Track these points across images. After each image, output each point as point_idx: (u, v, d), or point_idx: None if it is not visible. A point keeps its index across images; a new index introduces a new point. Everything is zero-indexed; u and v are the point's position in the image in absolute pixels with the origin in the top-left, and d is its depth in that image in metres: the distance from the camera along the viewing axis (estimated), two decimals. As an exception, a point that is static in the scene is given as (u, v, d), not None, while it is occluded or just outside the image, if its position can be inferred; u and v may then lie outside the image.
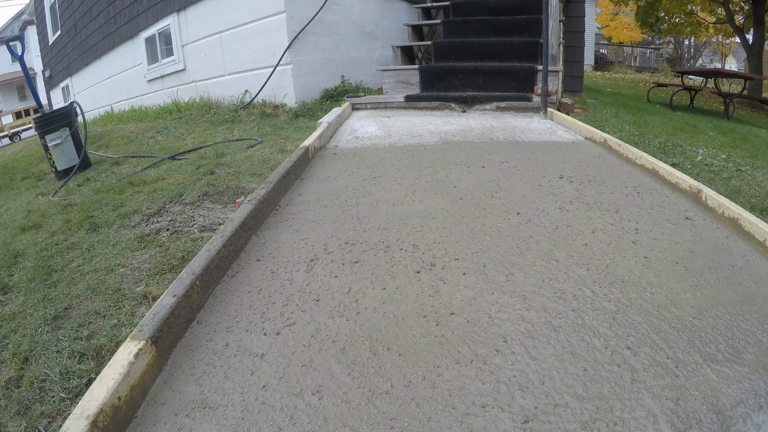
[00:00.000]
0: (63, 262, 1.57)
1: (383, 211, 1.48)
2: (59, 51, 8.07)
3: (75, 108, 3.13)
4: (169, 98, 4.92)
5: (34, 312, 1.27)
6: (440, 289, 1.04)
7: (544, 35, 2.93)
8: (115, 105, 6.22)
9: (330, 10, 4.12)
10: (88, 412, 0.67)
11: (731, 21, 9.86)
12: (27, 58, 3.56)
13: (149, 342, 0.81)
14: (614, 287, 1.03)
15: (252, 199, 1.41)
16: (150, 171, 2.61)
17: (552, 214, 1.41)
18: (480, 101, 3.29)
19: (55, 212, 2.13)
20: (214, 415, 0.74)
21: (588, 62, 14.65)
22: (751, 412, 0.71)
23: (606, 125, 3.14)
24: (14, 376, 1.03)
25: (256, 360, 0.86)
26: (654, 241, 1.22)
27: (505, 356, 0.84)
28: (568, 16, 5.29)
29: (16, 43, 3.44)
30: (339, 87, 4.27)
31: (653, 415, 0.70)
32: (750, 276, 1.07)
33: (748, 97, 7.16)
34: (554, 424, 0.70)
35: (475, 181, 1.71)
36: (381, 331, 0.92)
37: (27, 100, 20.65)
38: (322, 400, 0.76)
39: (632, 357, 0.82)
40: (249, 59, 4.11)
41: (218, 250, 1.11)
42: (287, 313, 0.99)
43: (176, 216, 1.84)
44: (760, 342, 0.85)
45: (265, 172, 2.27)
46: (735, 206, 1.31)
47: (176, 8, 4.63)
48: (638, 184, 1.64)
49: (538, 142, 2.29)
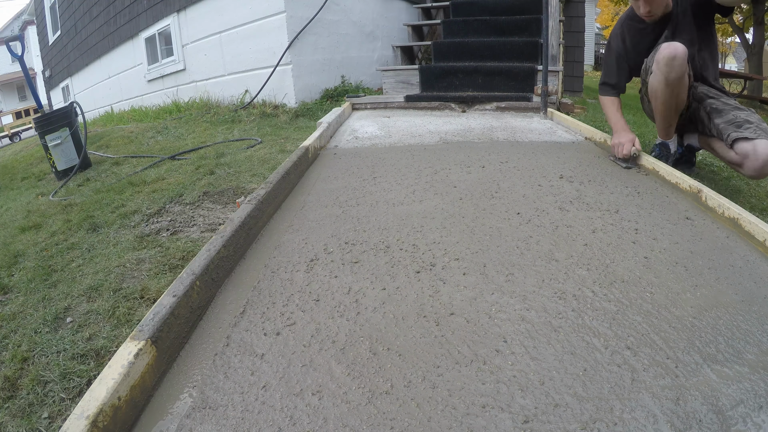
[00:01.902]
0: (63, 262, 1.57)
1: (383, 211, 1.48)
2: (59, 51, 8.07)
3: (75, 108, 3.13)
4: (169, 98, 4.92)
5: (34, 312, 1.27)
6: (440, 290, 1.04)
7: (544, 35, 2.93)
8: (115, 105, 6.22)
9: (330, 10, 4.12)
10: (88, 412, 0.67)
11: (731, 20, 9.87)
12: (27, 58, 3.56)
13: (149, 342, 0.81)
14: (614, 287, 1.03)
15: (252, 199, 1.42)
16: (150, 171, 2.61)
17: (552, 214, 1.41)
18: (480, 101, 3.29)
19: (55, 212, 2.13)
20: (214, 415, 0.74)
21: (588, 62, 14.65)
22: (751, 412, 0.71)
23: (606, 125, 3.14)
24: (14, 376, 1.03)
25: (256, 360, 0.86)
26: (654, 241, 1.22)
27: (505, 356, 0.84)
28: (568, 16, 5.29)
29: (16, 43, 3.44)
30: (339, 87, 4.27)
31: (653, 415, 0.70)
32: (750, 276, 1.07)
33: (748, 97, 7.16)
34: (554, 424, 0.70)
35: (475, 181, 1.71)
36: (381, 331, 0.92)
37: (27, 100, 20.65)
38: (322, 400, 0.76)
39: (632, 357, 0.82)
40: (249, 59, 4.11)
41: (218, 250, 1.11)
42: (287, 313, 0.99)
43: (176, 216, 1.84)
44: (760, 342, 0.85)
45: (265, 172, 2.27)
46: (735, 206, 1.31)
47: (176, 8, 4.63)
48: (638, 184, 1.64)
49: (538, 142, 2.29)
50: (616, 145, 1.87)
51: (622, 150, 1.82)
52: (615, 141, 1.89)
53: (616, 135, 1.90)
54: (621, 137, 1.86)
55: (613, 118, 1.98)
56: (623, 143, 1.83)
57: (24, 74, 3.28)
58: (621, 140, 1.85)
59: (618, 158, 1.86)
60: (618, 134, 1.89)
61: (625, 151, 1.80)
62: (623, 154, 1.81)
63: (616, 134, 1.90)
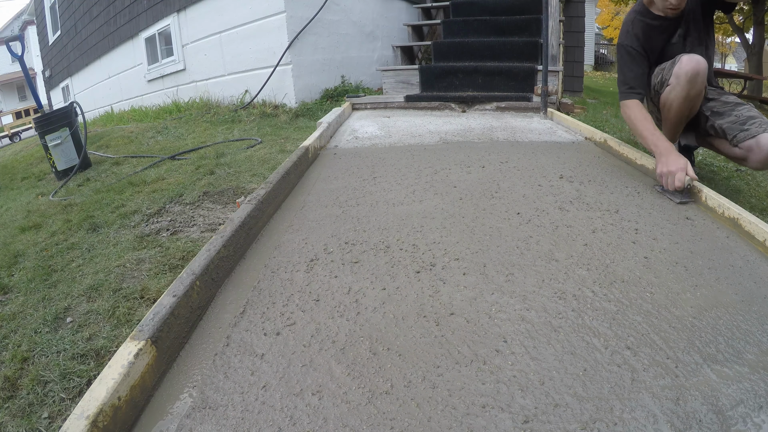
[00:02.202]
0: (63, 262, 1.57)
1: (383, 211, 1.48)
2: (59, 51, 8.06)
3: (75, 108, 3.13)
4: (169, 98, 4.92)
5: (34, 312, 1.27)
6: (440, 290, 1.04)
7: (544, 35, 2.93)
8: (115, 105, 6.22)
9: (330, 10, 4.12)
10: (88, 412, 0.67)
11: (731, 20, 9.87)
12: (27, 58, 3.56)
13: (149, 342, 0.81)
14: (614, 287, 1.03)
15: (252, 199, 1.42)
16: (150, 171, 2.61)
17: (552, 214, 1.41)
18: (480, 101, 3.29)
19: (55, 212, 2.13)
20: (214, 415, 0.74)
21: (588, 62, 14.66)
22: (751, 412, 0.71)
23: (606, 125, 3.14)
24: (14, 376, 1.03)
25: (256, 360, 0.86)
26: (654, 241, 1.22)
27: (505, 356, 0.84)
28: (568, 16, 5.29)
29: (16, 43, 3.44)
30: (339, 87, 4.27)
31: (653, 415, 0.70)
32: (750, 276, 1.07)
33: (748, 97, 7.16)
34: (554, 424, 0.70)
35: (475, 181, 1.71)
36: (381, 331, 0.92)
37: (27, 100, 20.66)
38: (322, 400, 0.76)
39: (632, 357, 0.82)
40: (249, 59, 4.11)
41: (218, 250, 1.11)
42: (287, 313, 0.99)
43: (176, 216, 1.84)
44: (760, 342, 0.85)
45: (265, 172, 2.27)
46: (735, 206, 1.31)
47: (176, 8, 4.63)
48: (638, 184, 1.64)
49: (538, 142, 2.29)
50: (665, 175, 1.48)
51: (673, 181, 1.45)
52: (662, 169, 1.49)
53: (662, 160, 1.50)
54: (669, 164, 1.47)
55: (648, 133, 1.59)
56: (674, 172, 1.45)
57: (24, 74, 3.28)
58: (670, 168, 1.46)
59: (667, 190, 1.50)
60: (665, 159, 1.50)
61: (678, 183, 1.44)
62: (675, 186, 1.45)
63: (663, 158, 1.50)
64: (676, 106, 1.64)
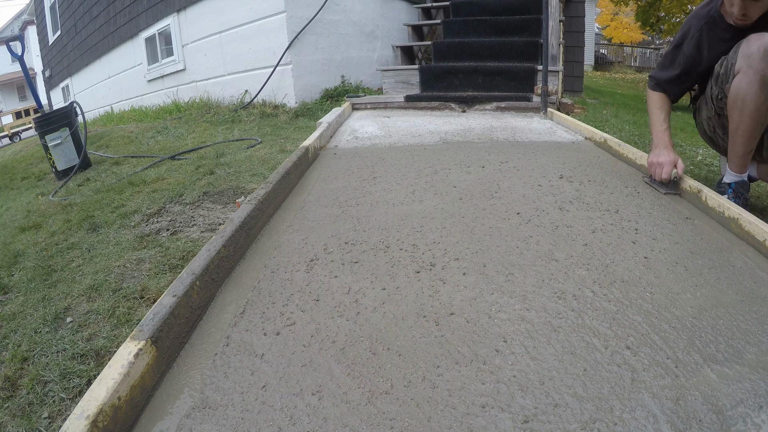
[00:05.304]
0: (63, 262, 1.57)
1: (383, 211, 1.48)
2: (59, 51, 8.07)
3: (75, 108, 3.13)
4: (169, 98, 4.92)
5: (34, 312, 1.27)
6: (440, 290, 1.04)
7: (544, 35, 2.93)
8: (115, 105, 6.22)
9: (330, 10, 4.13)
10: (88, 412, 0.67)
11: (731, 21, 9.83)
12: (27, 58, 3.56)
13: (149, 342, 0.81)
14: (614, 287, 1.03)
15: (252, 199, 1.41)
16: (150, 171, 2.61)
17: (552, 214, 1.41)
18: (480, 101, 3.29)
19: (55, 212, 2.13)
20: (214, 415, 0.74)
21: (588, 62, 14.67)
22: (751, 412, 0.71)
23: (606, 125, 3.14)
24: (14, 376, 1.03)
25: (256, 360, 0.86)
26: (654, 241, 1.22)
27: (505, 356, 0.84)
28: (568, 16, 5.30)
29: (16, 43, 3.44)
30: (339, 87, 4.27)
31: (653, 415, 0.70)
32: (750, 276, 1.07)
33: (748, 97, 7.14)
34: (554, 424, 0.70)
35: (475, 181, 1.71)
36: (381, 331, 0.92)
37: (27, 100, 20.66)
38: (322, 400, 0.76)
39: (632, 357, 0.82)
40: (249, 59, 4.11)
41: (218, 250, 1.11)
42: (287, 313, 0.99)
43: (176, 216, 1.84)
44: (760, 342, 0.85)
45: (265, 172, 2.27)
46: (735, 206, 1.31)
47: (176, 8, 4.63)
48: (638, 184, 1.64)
49: (538, 142, 2.29)
50: (653, 165, 1.55)
51: (660, 172, 1.51)
52: (653, 159, 1.55)
53: (656, 151, 1.56)
54: (660, 155, 1.53)
55: (656, 127, 1.61)
56: (662, 164, 1.51)
57: (24, 74, 3.28)
58: (660, 159, 1.52)
59: (654, 181, 1.57)
60: (658, 151, 1.56)
61: (665, 174, 1.50)
62: (662, 177, 1.51)
63: (656, 150, 1.56)
64: (750, 99, 1.33)
